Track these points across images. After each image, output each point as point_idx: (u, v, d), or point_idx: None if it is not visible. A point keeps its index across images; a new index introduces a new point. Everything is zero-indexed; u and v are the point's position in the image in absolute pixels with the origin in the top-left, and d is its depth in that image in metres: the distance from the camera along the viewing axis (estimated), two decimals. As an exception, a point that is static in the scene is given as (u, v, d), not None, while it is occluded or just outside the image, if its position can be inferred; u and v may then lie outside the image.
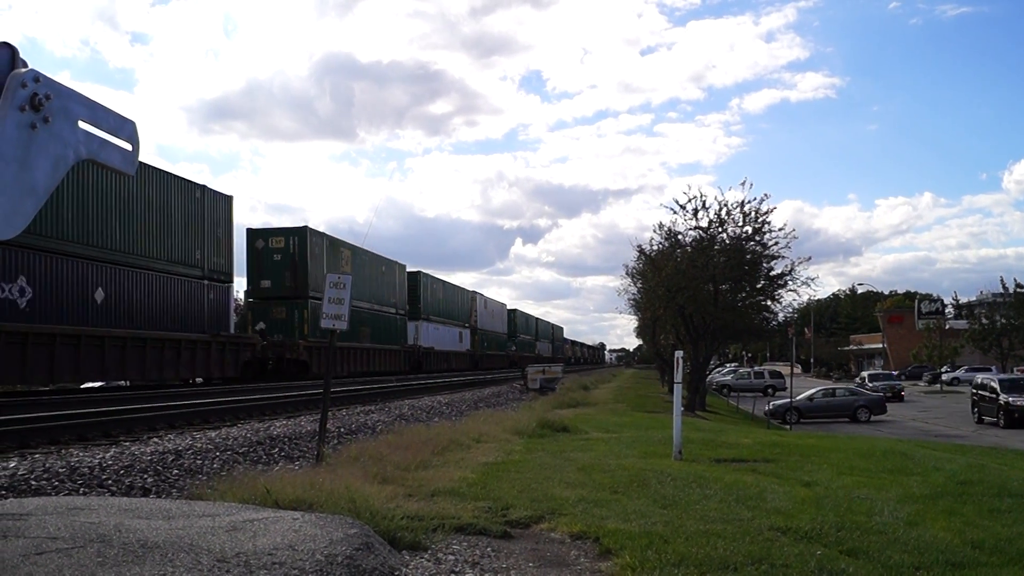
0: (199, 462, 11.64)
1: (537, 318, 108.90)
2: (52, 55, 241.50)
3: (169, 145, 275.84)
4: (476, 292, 71.70)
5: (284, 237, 37.33)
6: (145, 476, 10.34)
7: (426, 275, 57.32)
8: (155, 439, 14.04)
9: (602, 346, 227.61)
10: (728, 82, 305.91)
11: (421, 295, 54.91)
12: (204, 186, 30.62)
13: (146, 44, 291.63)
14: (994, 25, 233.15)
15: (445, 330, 60.77)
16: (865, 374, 64.54)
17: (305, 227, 37.51)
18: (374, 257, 46.31)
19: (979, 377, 41.45)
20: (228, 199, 32.41)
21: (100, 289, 24.13)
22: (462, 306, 67.14)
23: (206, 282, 29.99)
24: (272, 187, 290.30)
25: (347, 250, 41.74)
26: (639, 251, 40.04)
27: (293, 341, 35.96)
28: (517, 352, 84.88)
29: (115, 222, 24.96)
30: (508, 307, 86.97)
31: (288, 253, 37.10)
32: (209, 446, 13.08)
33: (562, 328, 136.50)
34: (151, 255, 26.75)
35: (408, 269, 52.83)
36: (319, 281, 34.59)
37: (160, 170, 28.11)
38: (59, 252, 22.45)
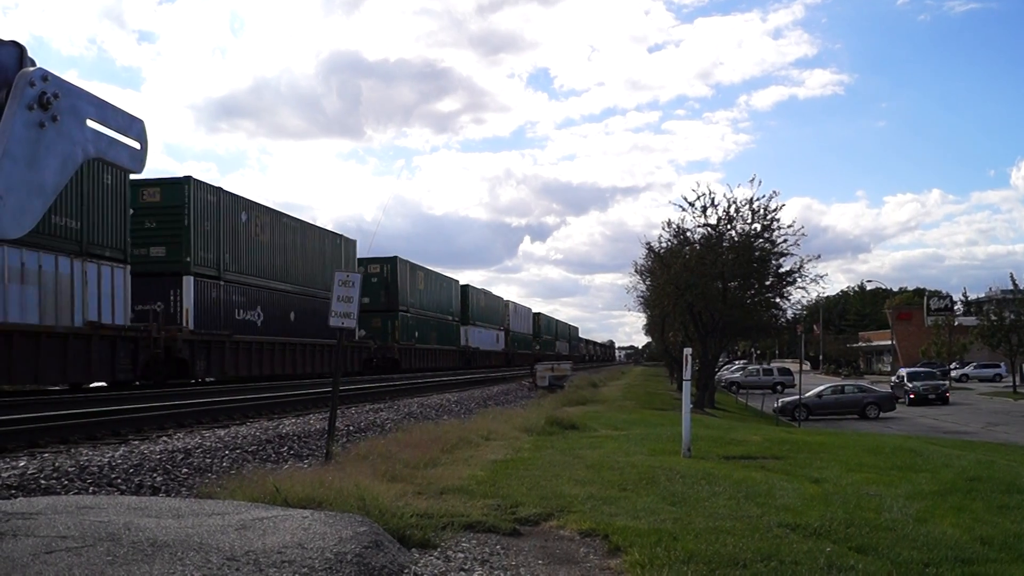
0: (208, 461, 11.67)
1: (557, 320, 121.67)
2: (59, 54, 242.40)
3: (176, 144, 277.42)
4: (509, 300, 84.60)
5: (380, 265, 49.21)
6: (154, 475, 10.37)
7: (473, 288, 70.08)
8: (164, 438, 14.07)
9: (611, 343, 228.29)
10: (736, 79, 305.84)
11: (470, 304, 67.43)
12: (340, 234, 43.04)
13: (153, 43, 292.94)
14: (1002, 21, 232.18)
15: (487, 333, 72.42)
16: (903, 371, 55.49)
17: (395, 257, 49.95)
18: (439, 276, 59.86)
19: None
20: (353, 242, 44.40)
21: (292, 312, 36.24)
22: (499, 311, 79.28)
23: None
24: (280, 185, 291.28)
25: (421, 272, 54.91)
26: (648, 248, 40.08)
27: (388, 344, 47.77)
28: (540, 350, 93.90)
29: (298, 263, 37.56)
30: (533, 311, 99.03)
31: (383, 277, 49.31)
32: (218, 444, 13.10)
33: (577, 328, 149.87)
34: (316, 285, 38.10)
35: (461, 283, 66.41)
36: (406, 298, 51.20)
37: (316, 226, 40.56)
38: (274, 288, 34.85)
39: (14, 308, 20.29)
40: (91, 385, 24.50)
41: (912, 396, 48.19)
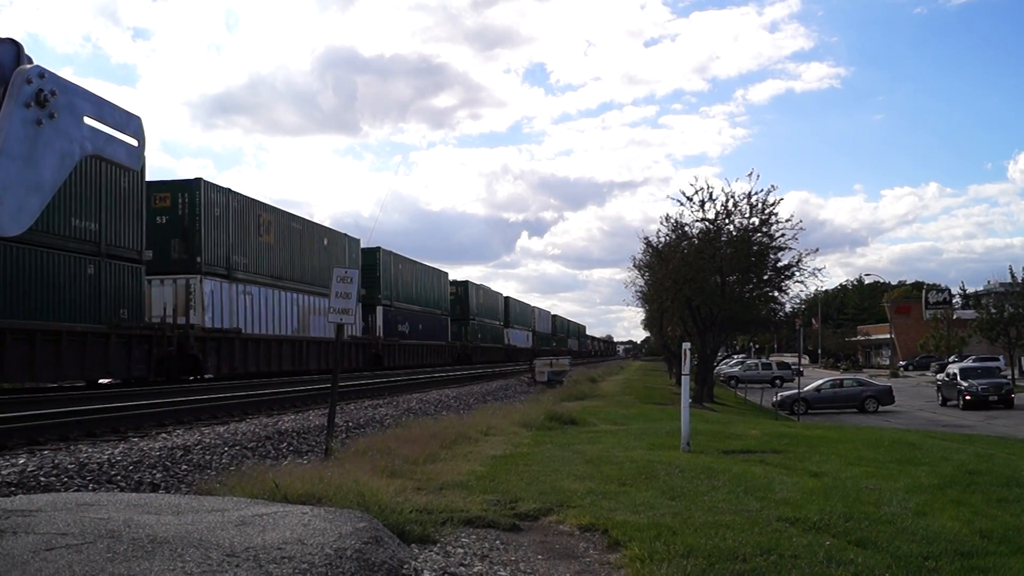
0: (208, 457, 11.68)
1: (569, 320, 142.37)
2: (54, 51, 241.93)
3: (173, 140, 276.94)
4: (535, 306, 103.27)
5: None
6: (154, 472, 10.38)
7: (512, 299, 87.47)
8: (163, 435, 14.08)
9: (610, 339, 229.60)
10: (732, 73, 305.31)
11: (510, 310, 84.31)
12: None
13: (148, 39, 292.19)
14: (999, 14, 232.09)
15: (520, 333, 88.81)
16: (955, 368, 43.77)
17: (466, 282, 68.09)
18: (493, 292, 78.57)
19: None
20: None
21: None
22: (528, 315, 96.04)
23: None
24: (277, 182, 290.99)
25: (479, 288, 72.12)
26: (646, 243, 40.08)
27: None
28: (558, 346, 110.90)
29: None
30: (552, 313, 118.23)
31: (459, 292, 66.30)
32: (218, 441, 13.11)
33: (585, 327, 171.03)
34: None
35: (503, 295, 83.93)
36: (476, 307, 69.11)
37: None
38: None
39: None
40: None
41: (968, 398, 38.75)
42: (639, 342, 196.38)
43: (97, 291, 23.43)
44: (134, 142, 4.57)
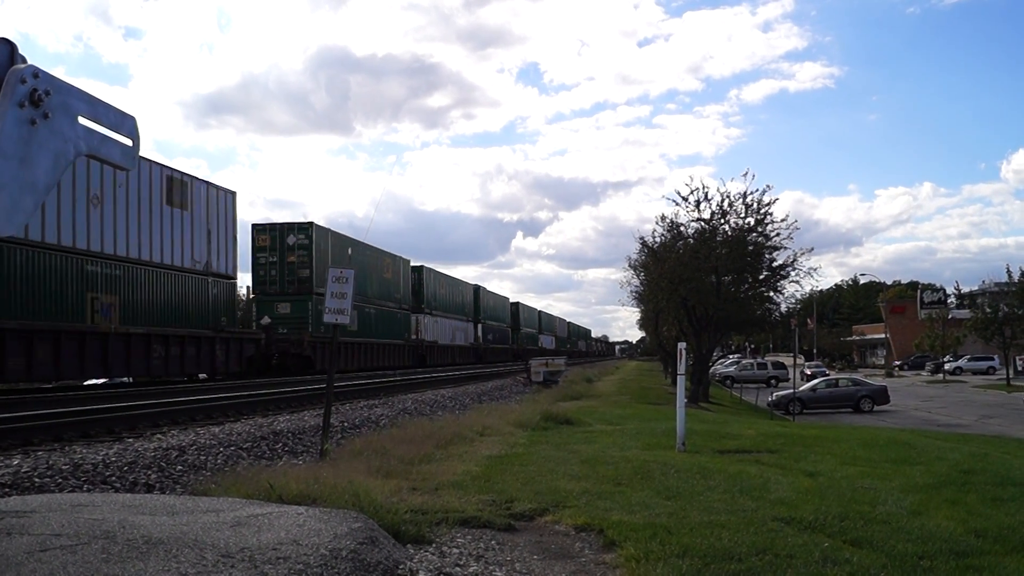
0: (203, 458, 11.66)
1: (578, 325, 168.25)
2: (45, 51, 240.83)
3: (166, 140, 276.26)
4: (558, 316, 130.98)
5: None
6: (149, 472, 10.36)
7: (546, 313, 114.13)
8: (158, 435, 14.06)
9: (605, 339, 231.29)
10: (726, 73, 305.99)
11: (542, 321, 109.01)
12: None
13: (139, 39, 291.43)
14: (991, 14, 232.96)
15: (548, 338, 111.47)
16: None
17: (518, 302, 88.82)
18: (502, 298, 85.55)
19: None
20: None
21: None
22: (554, 324, 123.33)
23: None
24: (271, 182, 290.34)
25: (498, 297, 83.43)
26: (641, 243, 40.06)
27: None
28: (571, 348, 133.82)
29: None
30: (567, 321, 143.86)
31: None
32: (213, 442, 13.09)
33: (589, 330, 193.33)
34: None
35: (538, 309, 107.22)
36: (523, 320, 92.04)
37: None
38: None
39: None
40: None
41: None
42: (634, 342, 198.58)
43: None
44: (129, 142, 4.56)
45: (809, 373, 62.15)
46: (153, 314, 27.87)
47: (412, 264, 55.15)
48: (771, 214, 33.90)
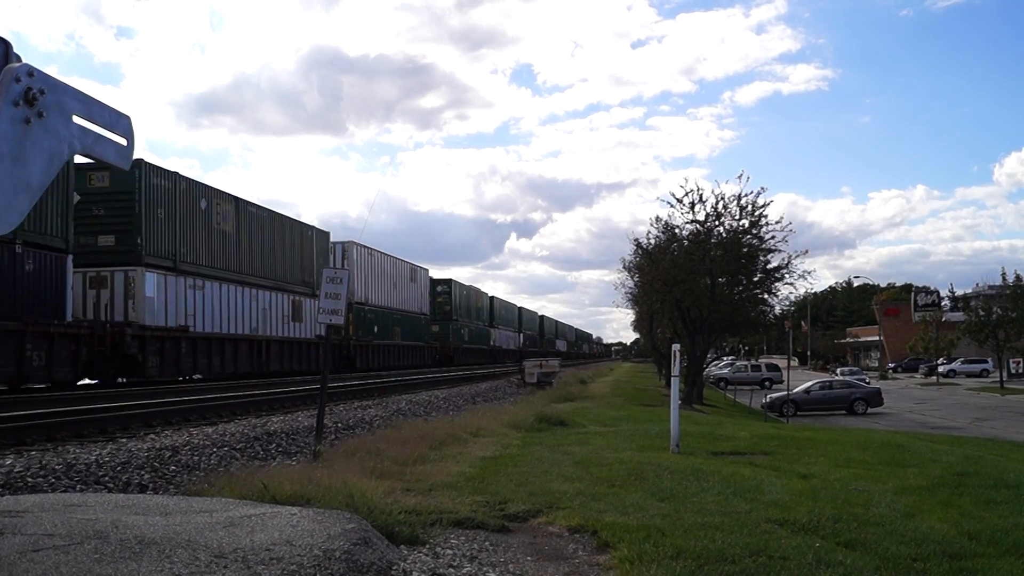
0: (196, 458, 11.64)
1: (581, 329, 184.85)
2: (37, 50, 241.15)
3: (158, 140, 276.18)
4: (567, 324, 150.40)
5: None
6: (142, 472, 10.34)
7: (561, 323, 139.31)
8: (152, 435, 14.02)
9: (599, 340, 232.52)
10: (719, 75, 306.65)
11: (555, 328, 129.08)
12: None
13: (132, 38, 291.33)
14: (984, 16, 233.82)
15: (561, 342, 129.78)
16: None
17: (543, 316, 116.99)
18: (531, 312, 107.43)
19: None
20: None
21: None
22: (565, 331, 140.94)
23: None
24: (264, 182, 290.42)
25: (529, 311, 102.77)
26: (636, 245, 40.04)
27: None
28: (576, 351, 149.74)
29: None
30: (575, 327, 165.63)
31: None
32: (206, 442, 13.06)
33: (591, 334, 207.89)
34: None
35: (560, 321, 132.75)
36: (548, 330, 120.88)
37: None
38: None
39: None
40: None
41: None
42: (629, 344, 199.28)
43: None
44: (123, 141, 4.55)
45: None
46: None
47: (488, 295, 79.28)
48: (766, 216, 33.94)
